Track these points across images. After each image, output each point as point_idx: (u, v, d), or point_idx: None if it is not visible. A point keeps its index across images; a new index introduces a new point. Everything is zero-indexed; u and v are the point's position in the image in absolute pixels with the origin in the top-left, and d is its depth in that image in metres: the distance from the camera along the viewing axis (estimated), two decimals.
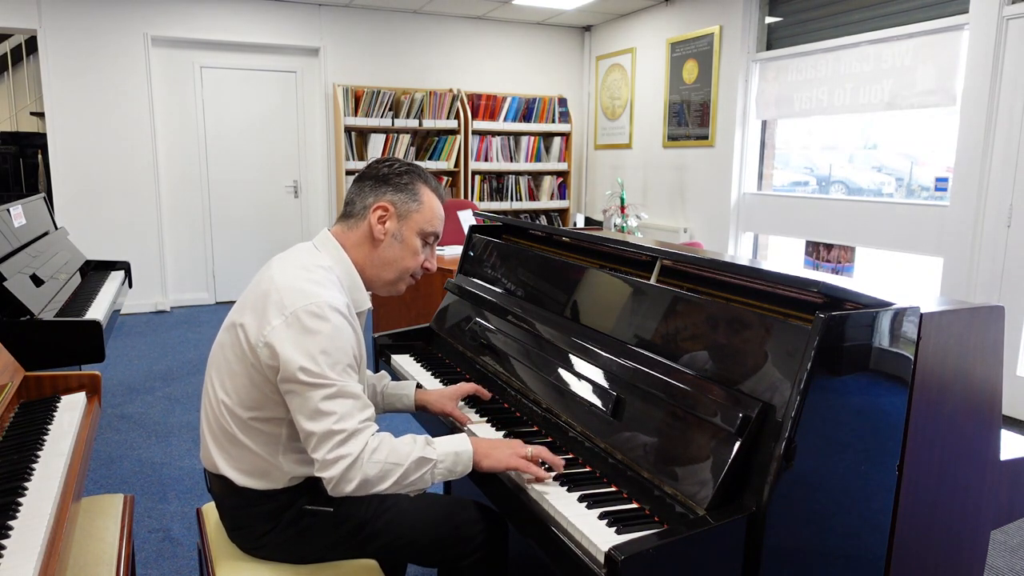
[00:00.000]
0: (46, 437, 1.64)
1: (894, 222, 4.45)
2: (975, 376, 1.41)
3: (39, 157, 7.40)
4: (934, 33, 4.17)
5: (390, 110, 6.32)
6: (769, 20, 5.34)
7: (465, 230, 3.46)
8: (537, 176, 7.10)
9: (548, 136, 7.02)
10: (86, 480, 2.00)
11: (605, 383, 1.50)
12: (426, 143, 6.63)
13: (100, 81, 5.76)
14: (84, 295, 3.34)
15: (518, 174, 6.96)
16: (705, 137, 5.78)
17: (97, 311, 3.06)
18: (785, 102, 5.18)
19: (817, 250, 5.09)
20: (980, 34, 3.84)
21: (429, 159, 6.52)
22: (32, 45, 7.40)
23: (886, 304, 1.23)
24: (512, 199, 6.93)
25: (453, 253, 4.35)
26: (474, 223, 2.46)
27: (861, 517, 1.27)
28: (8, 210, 3.32)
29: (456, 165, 6.58)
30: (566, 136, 7.02)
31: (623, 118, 6.80)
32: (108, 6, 5.70)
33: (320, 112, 6.48)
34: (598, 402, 1.49)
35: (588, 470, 1.44)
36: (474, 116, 6.60)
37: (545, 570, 1.90)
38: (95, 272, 3.92)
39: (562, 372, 1.65)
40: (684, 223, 6.11)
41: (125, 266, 4.02)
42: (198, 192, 6.27)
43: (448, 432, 1.61)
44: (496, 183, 6.88)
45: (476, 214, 3.62)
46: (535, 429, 1.64)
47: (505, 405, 1.79)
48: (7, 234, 3.15)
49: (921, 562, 1.41)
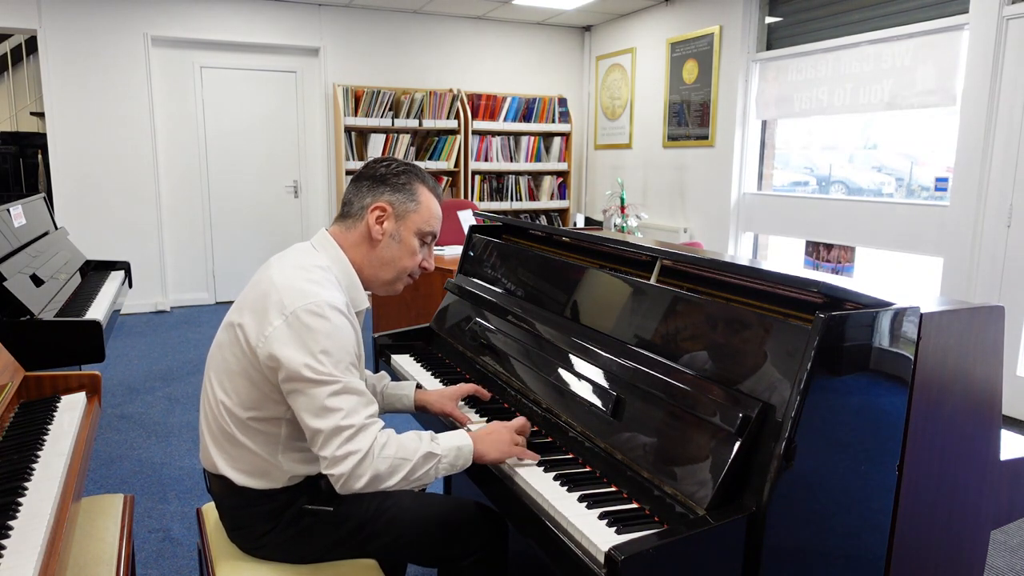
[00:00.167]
0: (46, 437, 1.64)
1: (894, 222, 4.45)
2: (975, 376, 1.41)
3: (39, 157, 7.40)
4: (934, 33, 4.17)
5: (390, 110, 6.32)
6: (769, 20, 5.34)
7: (465, 230, 3.46)
8: (537, 176, 7.10)
9: (548, 136, 7.02)
10: (86, 480, 2.00)
11: (605, 383, 1.50)
12: (426, 143, 6.63)
13: (100, 81, 5.76)
14: (84, 295, 3.34)
15: (518, 174, 6.96)
16: (705, 137, 5.78)
17: (97, 311, 3.06)
18: (785, 102, 5.18)
19: (817, 250, 5.09)
20: (980, 34, 3.84)
21: (429, 159, 6.52)
22: (32, 45, 7.40)
23: (886, 304, 1.23)
24: (512, 199, 6.93)
25: (453, 253, 4.35)
26: (474, 223, 2.46)
27: (861, 517, 1.27)
28: (8, 210, 3.32)
29: (456, 165, 6.58)
30: (566, 136, 7.02)
31: (623, 118, 6.80)
32: (108, 6, 5.70)
33: (320, 112, 6.48)
34: (598, 402, 1.49)
35: (588, 470, 1.44)
36: (474, 116, 6.60)
37: (545, 570, 1.90)
38: (95, 272, 3.92)
39: (562, 372, 1.65)
40: (684, 223, 6.11)
41: (125, 266, 4.02)
42: (198, 192, 6.27)
43: (448, 429, 1.61)
44: (496, 183, 6.88)
45: (476, 214, 3.62)
46: (535, 429, 1.64)
47: (505, 405, 1.78)
48: (7, 234, 3.15)
49: (921, 562, 1.41)
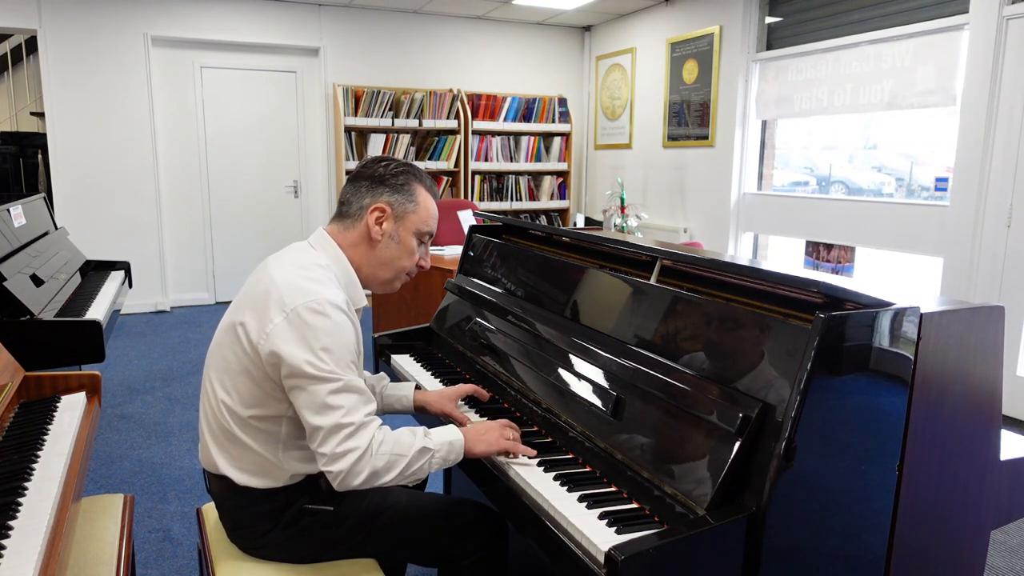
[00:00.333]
0: (46, 437, 1.64)
1: (894, 222, 4.45)
2: (975, 376, 1.41)
3: (39, 157, 7.40)
4: (934, 33, 4.17)
5: (390, 110, 6.32)
6: (769, 20, 5.34)
7: (465, 230, 3.46)
8: (537, 176, 7.09)
9: (548, 136, 7.02)
10: (86, 480, 2.00)
11: (605, 383, 1.50)
12: (426, 143, 6.63)
13: (100, 81, 5.76)
14: (84, 295, 3.34)
15: (518, 174, 6.96)
16: (705, 137, 5.78)
17: (97, 311, 3.06)
18: (785, 102, 5.18)
19: (817, 250, 5.09)
20: (980, 34, 3.83)
21: (429, 159, 6.52)
22: (32, 45, 7.40)
23: (886, 304, 1.23)
24: (512, 199, 6.93)
25: (453, 253, 4.35)
26: (474, 223, 2.46)
27: (861, 517, 1.27)
28: (8, 210, 3.32)
29: (456, 165, 6.58)
30: (566, 136, 7.02)
31: (623, 118, 6.80)
32: (108, 6, 5.70)
33: (320, 112, 6.48)
34: (598, 402, 1.49)
35: (588, 470, 1.43)
36: (474, 116, 6.60)
37: (545, 570, 1.90)
38: (95, 272, 3.92)
39: (562, 372, 1.65)
40: (684, 223, 6.11)
41: (125, 266, 4.02)
42: (198, 192, 6.27)
43: None
44: (496, 183, 6.87)
45: (476, 214, 3.62)
46: (535, 429, 1.64)
47: (505, 405, 1.78)
48: (7, 234, 3.15)
49: (921, 562, 1.41)
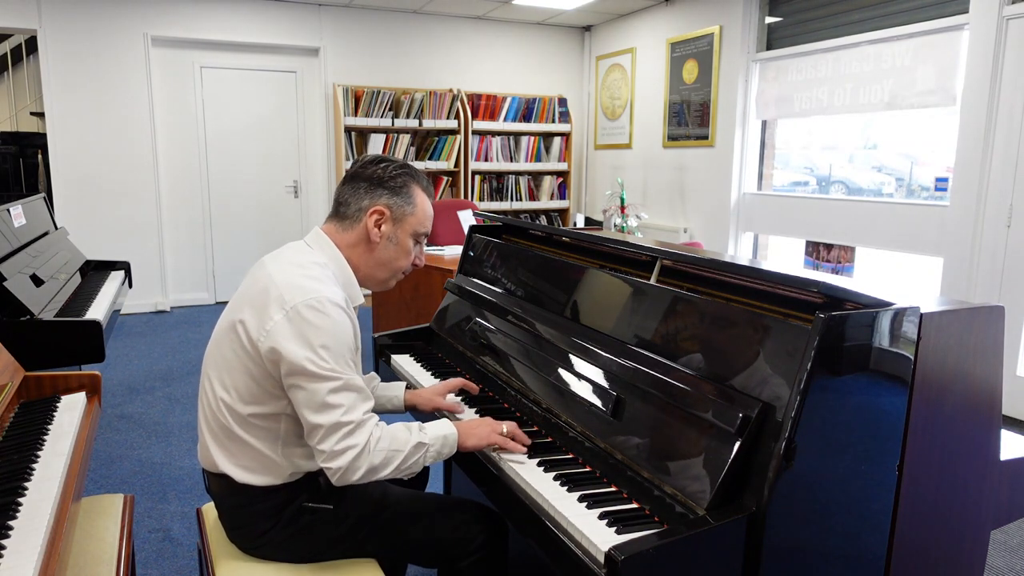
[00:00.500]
0: (46, 437, 1.64)
1: (894, 222, 4.45)
2: (975, 376, 1.41)
3: (39, 157, 7.40)
4: (934, 33, 4.17)
5: (390, 110, 6.32)
6: (769, 20, 5.34)
7: (465, 230, 3.46)
8: (537, 176, 7.09)
9: (548, 136, 7.02)
10: (86, 480, 2.00)
11: (605, 383, 1.50)
12: (426, 143, 6.63)
13: (100, 81, 5.75)
14: (84, 295, 3.34)
15: (518, 174, 6.96)
16: (705, 137, 5.78)
17: (97, 311, 3.06)
18: (785, 102, 5.18)
19: (817, 250, 5.09)
20: (980, 34, 3.83)
21: (429, 159, 6.52)
22: (32, 45, 7.40)
23: (886, 304, 1.23)
24: (512, 199, 6.93)
25: (453, 253, 4.35)
26: (474, 223, 2.46)
27: (861, 517, 1.27)
28: (8, 210, 3.32)
29: (456, 165, 6.58)
30: (566, 136, 7.02)
31: (623, 118, 6.80)
32: (108, 6, 5.70)
33: (320, 112, 6.48)
34: (598, 402, 1.49)
35: (588, 470, 1.43)
36: (474, 116, 6.60)
37: (545, 570, 1.90)
38: (95, 272, 3.92)
39: (562, 372, 1.65)
40: (684, 223, 6.11)
41: (125, 266, 4.02)
42: (198, 192, 6.27)
43: None
44: (496, 183, 6.87)
45: (476, 214, 3.62)
46: (535, 429, 1.63)
47: (505, 405, 1.78)
48: (7, 234, 3.15)
49: (921, 562, 1.41)
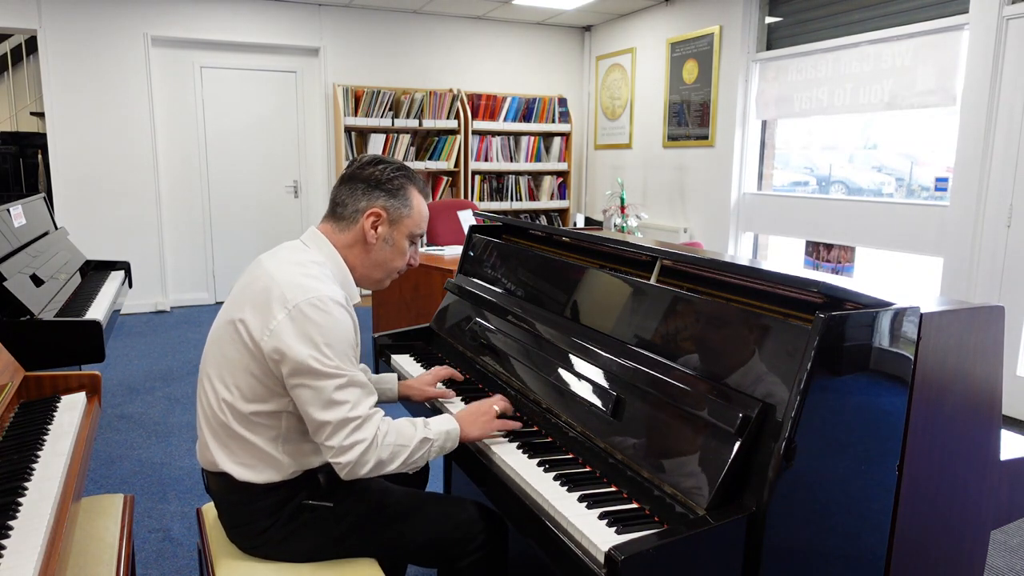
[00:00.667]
0: (46, 437, 1.64)
1: (894, 222, 4.45)
2: (975, 376, 1.41)
3: (39, 157, 7.40)
4: (934, 33, 4.17)
5: (390, 110, 6.32)
6: (769, 20, 5.34)
7: (465, 230, 3.46)
8: (537, 176, 7.09)
9: (548, 136, 7.02)
10: (86, 480, 2.00)
11: (605, 383, 1.51)
12: (426, 143, 6.63)
13: (100, 81, 5.75)
14: (84, 295, 3.34)
15: (518, 174, 6.96)
16: (705, 137, 5.78)
17: (97, 311, 3.06)
18: (785, 102, 5.18)
19: (817, 250, 5.09)
20: (980, 34, 3.83)
21: (429, 159, 6.52)
22: (32, 45, 7.40)
23: (886, 304, 1.23)
24: (512, 199, 6.93)
25: (453, 253, 4.35)
26: (474, 223, 2.46)
27: (861, 517, 1.27)
28: (8, 210, 3.32)
29: (456, 165, 6.58)
30: (566, 136, 7.02)
31: (623, 118, 6.80)
32: (108, 6, 5.70)
33: (320, 112, 6.48)
34: (598, 402, 1.49)
35: (588, 470, 1.44)
36: (474, 116, 6.60)
37: (545, 570, 1.90)
38: (95, 272, 3.92)
39: (562, 372, 1.65)
40: (684, 223, 6.11)
41: (125, 266, 4.02)
42: (198, 192, 6.27)
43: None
44: (496, 183, 6.87)
45: (476, 214, 3.62)
46: (535, 429, 1.64)
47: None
48: (7, 234, 3.15)
49: (921, 562, 1.41)
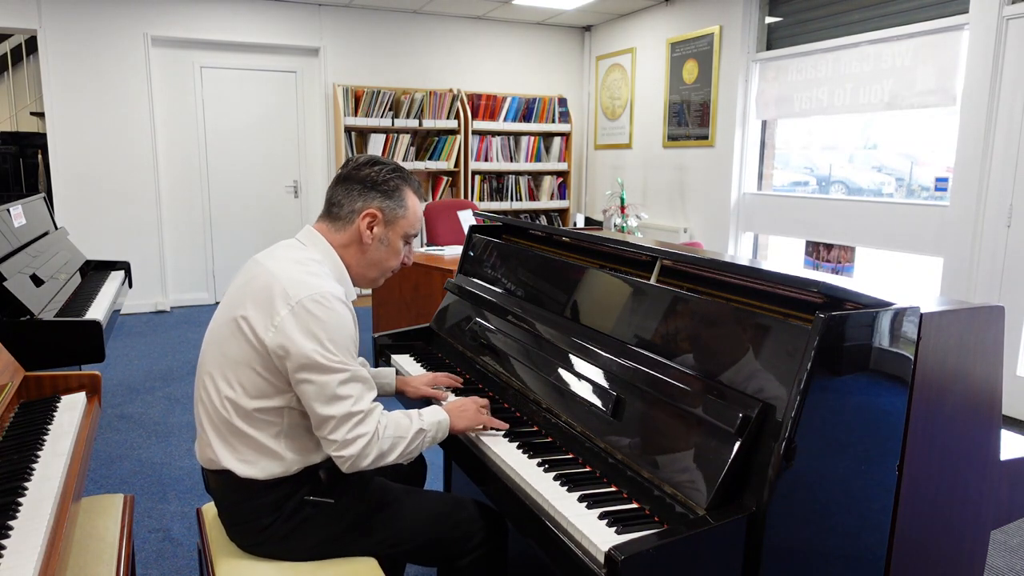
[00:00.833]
0: (46, 437, 1.64)
1: (894, 222, 4.45)
2: (975, 376, 1.41)
3: (39, 157, 7.40)
4: (934, 33, 4.17)
5: (390, 110, 6.32)
6: (769, 20, 5.34)
7: (465, 230, 3.46)
8: (537, 176, 7.09)
9: (548, 136, 7.02)
10: (86, 480, 2.00)
11: (605, 383, 1.51)
12: (426, 143, 6.63)
13: (100, 81, 5.75)
14: (84, 295, 3.34)
15: (518, 174, 6.96)
16: (705, 137, 5.78)
17: (97, 311, 3.06)
18: (785, 102, 5.18)
19: (817, 250, 5.09)
20: (980, 34, 3.83)
21: (429, 159, 6.52)
22: (32, 45, 7.40)
23: (886, 304, 1.23)
24: (512, 199, 6.93)
25: (453, 253, 4.35)
26: (474, 223, 2.46)
27: (861, 517, 1.27)
28: (8, 210, 3.32)
29: (456, 165, 6.58)
30: (566, 136, 7.02)
31: (623, 118, 6.80)
32: (108, 6, 5.70)
33: (320, 112, 6.48)
34: (598, 402, 1.49)
35: (588, 470, 1.44)
36: (474, 116, 6.60)
37: (545, 570, 1.90)
38: (95, 272, 3.92)
39: (562, 372, 1.65)
40: (684, 223, 6.11)
41: (125, 266, 4.02)
42: (198, 192, 6.27)
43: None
44: (496, 183, 6.87)
45: (476, 214, 3.62)
46: (535, 429, 1.64)
47: (505, 405, 1.78)
48: (7, 234, 3.15)
49: (921, 562, 1.41)
